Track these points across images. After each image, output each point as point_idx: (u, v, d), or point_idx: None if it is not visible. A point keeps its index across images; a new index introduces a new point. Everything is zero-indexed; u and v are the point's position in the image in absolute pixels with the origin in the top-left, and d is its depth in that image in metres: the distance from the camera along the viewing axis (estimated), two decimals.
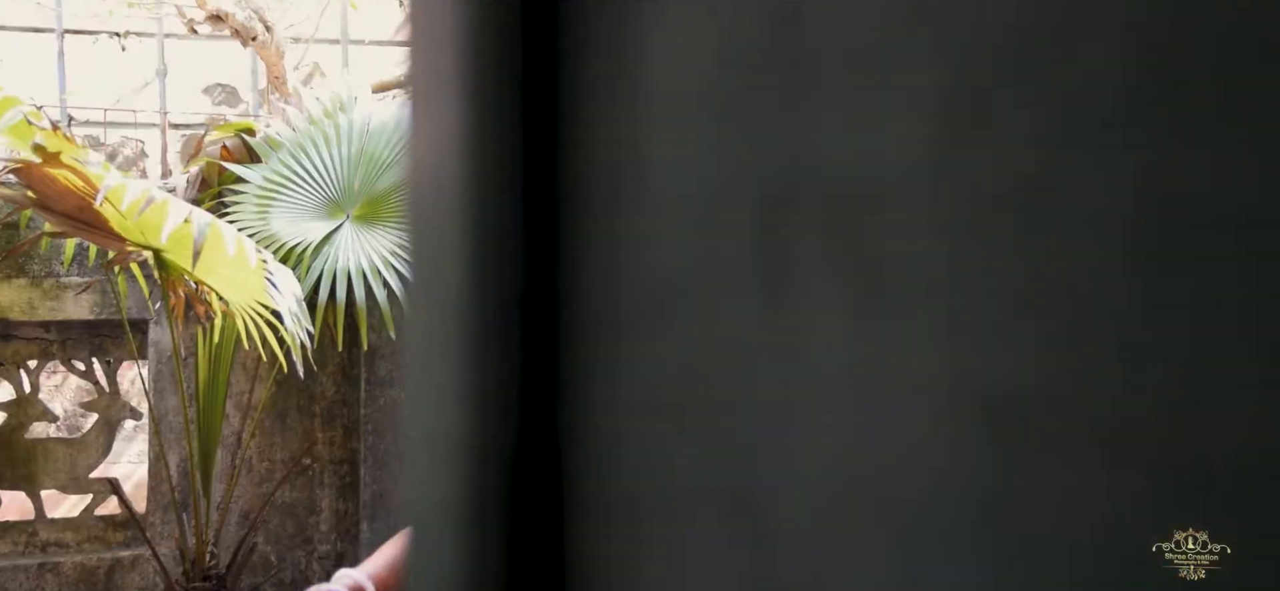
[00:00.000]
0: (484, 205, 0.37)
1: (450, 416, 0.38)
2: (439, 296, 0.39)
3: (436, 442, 0.39)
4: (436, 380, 0.39)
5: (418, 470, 0.41)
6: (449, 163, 0.38)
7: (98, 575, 3.28)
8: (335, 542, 3.50)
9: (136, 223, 2.54)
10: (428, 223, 0.40)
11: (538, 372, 0.38)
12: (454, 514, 0.38)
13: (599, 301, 0.36)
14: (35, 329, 3.32)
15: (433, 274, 0.40)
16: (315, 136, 3.34)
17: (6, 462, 3.29)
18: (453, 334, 0.38)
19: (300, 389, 3.42)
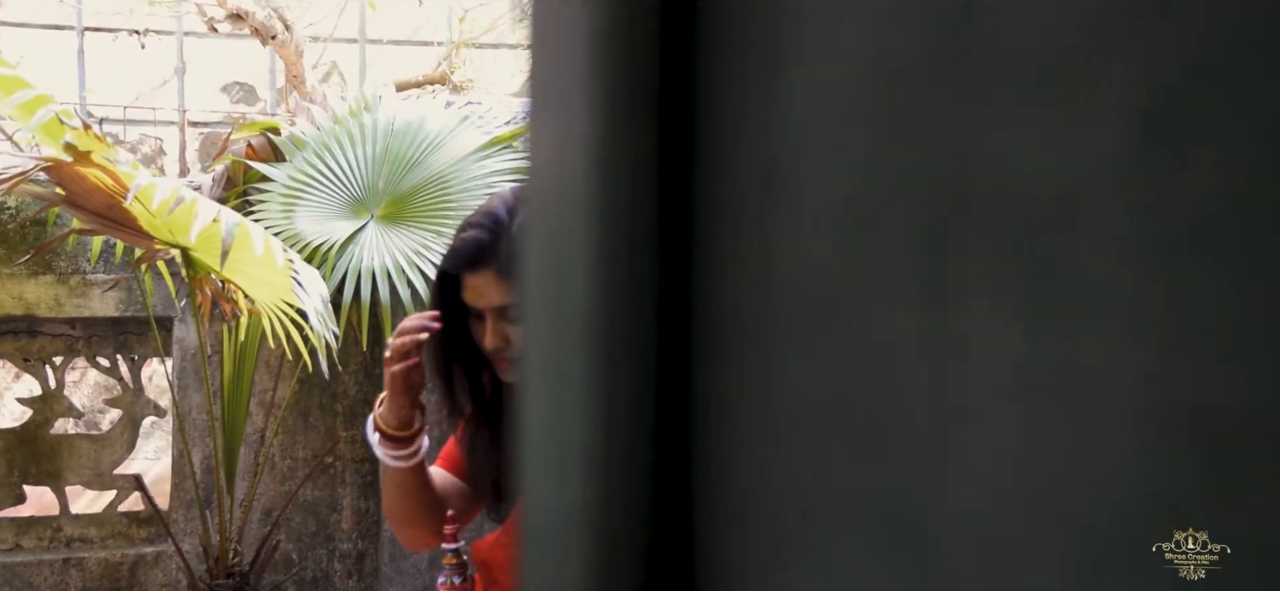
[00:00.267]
0: (616, 210, 0.37)
1: (575, 424, 0.38)
2: (563, 302, 0.39)
3: (559, 451, 0.39)
4: (560, 387, 0.39)
5: (537, 478, 0.41)
6: (577, 167, 0.38)
7: (122, 571, 3.29)
8: (356, 541, 3.51)
9: (165, 221, 2.55)
10: (550, 227, 0.40)
11: (671, 380, 0.38)
12: (579, 524, 0.38)
13: (740, 307, 0.36)
14: (61, 325, 3.33)
15: (555, 279, 0.39)
16: (340, 135, 3.35)
17: (32, 458, 3.31)
18: (579, 340, 0.38)
19: (323, 387, 3.43)
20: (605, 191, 0.37)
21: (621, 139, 0.36)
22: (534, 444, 0.41)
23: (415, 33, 7.27)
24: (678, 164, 0.37)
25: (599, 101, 0.37)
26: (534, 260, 0.41)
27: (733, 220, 0.36)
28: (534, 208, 0.41)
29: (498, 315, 1.64)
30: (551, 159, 0.40)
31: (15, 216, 3.18)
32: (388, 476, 1.80)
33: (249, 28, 5.91)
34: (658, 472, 0.37)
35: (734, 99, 0.36)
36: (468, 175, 3.29)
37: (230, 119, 7.06)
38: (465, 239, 1.67)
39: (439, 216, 3.24)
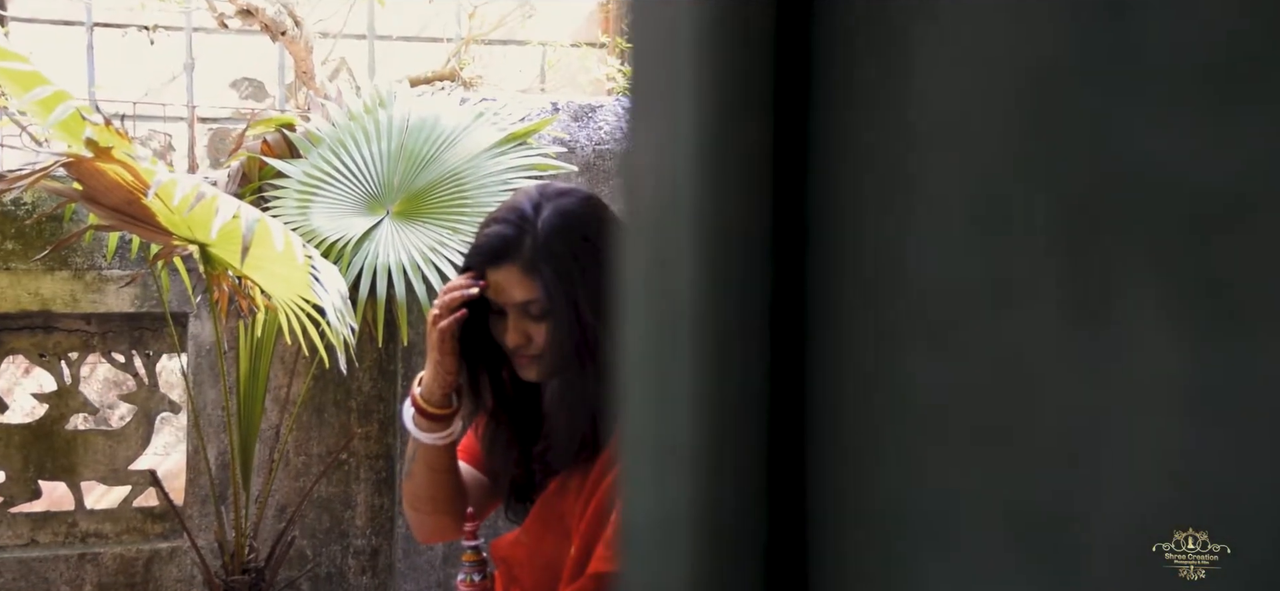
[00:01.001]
0: (724, 210, 0.37)
1: (682, 424, 0.38)
2: (668, 302, 0.39)
3: (665, 451, 0.39)
4: (665, 387, 0.39)
5: (641, 478, 0.40)
6: (682, 167, 0.38)
7: (137, 566, 3.30)
8: (371, 537, 3.51)
9: (185, 218, 2.55)
10: (653, 227, 0.40)
11: (785, 381, 0.37)
12: (685, 524, 0.38)
13: (862, 307, 0.36)
14: (77, 321, 3.33)
15: (658, 279, 0.39)
16: (355, 131, 3.34)
17: (47, 453, 3.31)
18: (686, 340, 0.38)
19: (337, 384, 3.43)
20: (712, 191, 0.37)
21: (731, 138, 0.36)
22: (637, 443, 0.41)
23: (423, 29, 7.26)
24: (792, 162, 0.37)
25: (707, 100, 0.37)
26: (634, 259, 0.40)
27: (854, 220, 0.36)
28: (634, 207, 0.41)
29: (520, 312, 1.63)
30: (655, 158, 0.39)
31: (31, 212, 3.18)
32: (419, 458, 1.80)
33: (259, 23, 5.91)
34: (770, 474, 0.37)
35: (854, 97, 0.36)
36: (483, 172, 3.28)
37: (239, 114, 7.06)
38: (489, 234, 1.67)
39: (454, 213, 3.23)
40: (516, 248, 1.63)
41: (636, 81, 0.42)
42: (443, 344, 1.67)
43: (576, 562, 1.68)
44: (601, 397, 1.64)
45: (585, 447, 1.65)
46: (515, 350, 1.65)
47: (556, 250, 1.63)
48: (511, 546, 1.79)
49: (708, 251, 0.37)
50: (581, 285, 1.63)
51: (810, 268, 0.37)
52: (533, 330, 1.64)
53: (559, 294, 1.61)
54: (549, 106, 3.62)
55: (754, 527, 0.37)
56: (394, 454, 3.49)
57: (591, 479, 1.67)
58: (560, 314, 1.62)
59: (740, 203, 0.37)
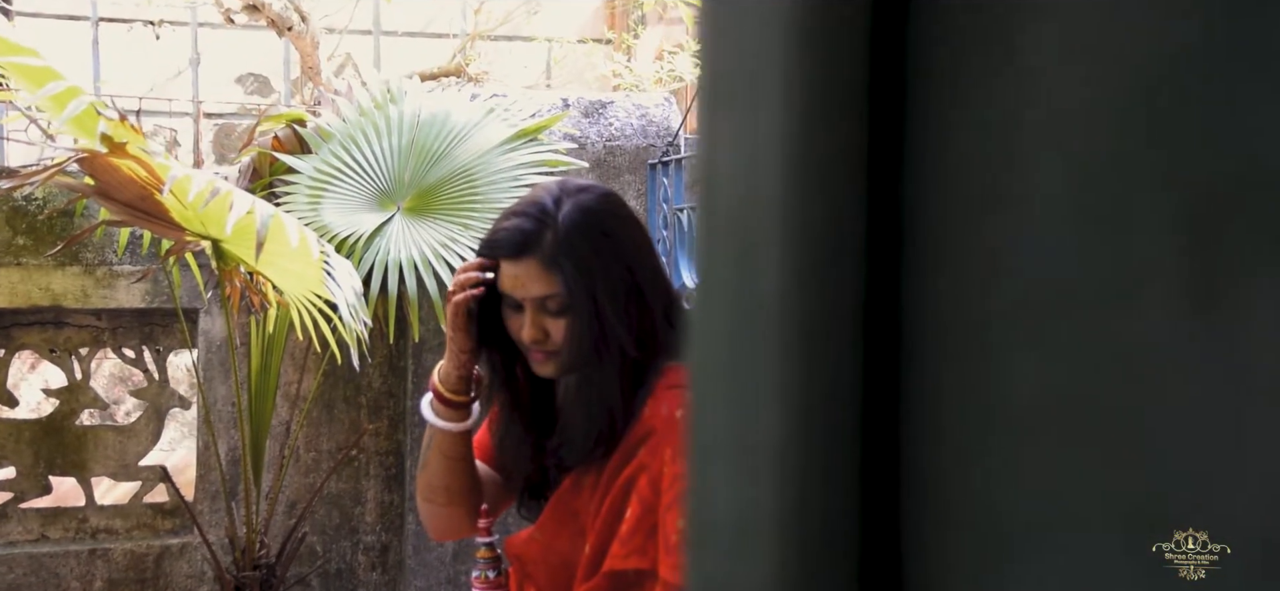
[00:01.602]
0: (811, 208, 0.37)
1: (766, 423, 0.38)
2: (751, 300, 0.38)
3: (747, 449, 0.39)
4: (748, 385, 0.39)
5: (719, 477, 0.40)
6: (768, 165, 0.38)
7: (147, 562, 3.30)
8: (380, 534, 3.51)
9: (200, 213, 2.55)
10: (735, 225, 0.39)
11: (877, 380, 0.37)
12: (768, 524, 0.38)
13: (963, 306, 0.36)
14: (87, 316, 3.33)
15: (741, 277, 0.39)
16: (366, 127, 3.34)
17: (57, 449, 3.31)
18: (771, 339, 0.37)
19: (347, 380, 3.43)
20: (800, 190, 0.36)
21: (820, 136, 0.36)
22: (715, 441, 0.40)
23: (429, 24, 7.26)
24: (886, 160, 0.36)
25: (795, 97, 0.36)
26: (713, 258, 0.40)
27: (954, 218, 0.36)
28: (713, 205, 0.41)
29: (538, 307, 1.63)
30: (737, 157, 0.39)
31: (42, 207, 3.18)
32: (434, 445, 1.80)
33: (265, 19, 5.91)
34: (861, 474, 0.37)
35: (956, 95, 0.35)
36: (494, 168, 3.28)
37: (245, 110, 7.05)
38: (509, 226, 1.66)
39: (465, 209, 3.23)
40: (537, 242, 1.63)
41: (715, 77, 0.41)
42: (456, 319, 1.69)
43: (591, 560, 1.68)
44: (618, 394, 1.64)
45: (601, 443, 1.65)
46: (532, 345, 1.65)
47: (577, 245, 1.63)
48: (526, 544, 1.78)
49: (794, 250, 0.37)
50: (601, 280, 1.63)
51: (906, 266, 0.37)
52: (550, 325, 1.64)
53: (579, 289, 1.61)
54: (559, 102, 3.62)
55: (845, 529, 0.37)
56: (404, 450, 3.49)
57: (606, 476, 1.66)
58: (580, 309, 1.62)
59: (829, 201, 0.36)
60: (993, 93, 0.34)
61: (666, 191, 3.35)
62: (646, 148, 3.62)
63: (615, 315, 1.63)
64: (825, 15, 0.36)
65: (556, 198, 1.67)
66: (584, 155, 3.48)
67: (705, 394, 0.41)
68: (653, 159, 3.55)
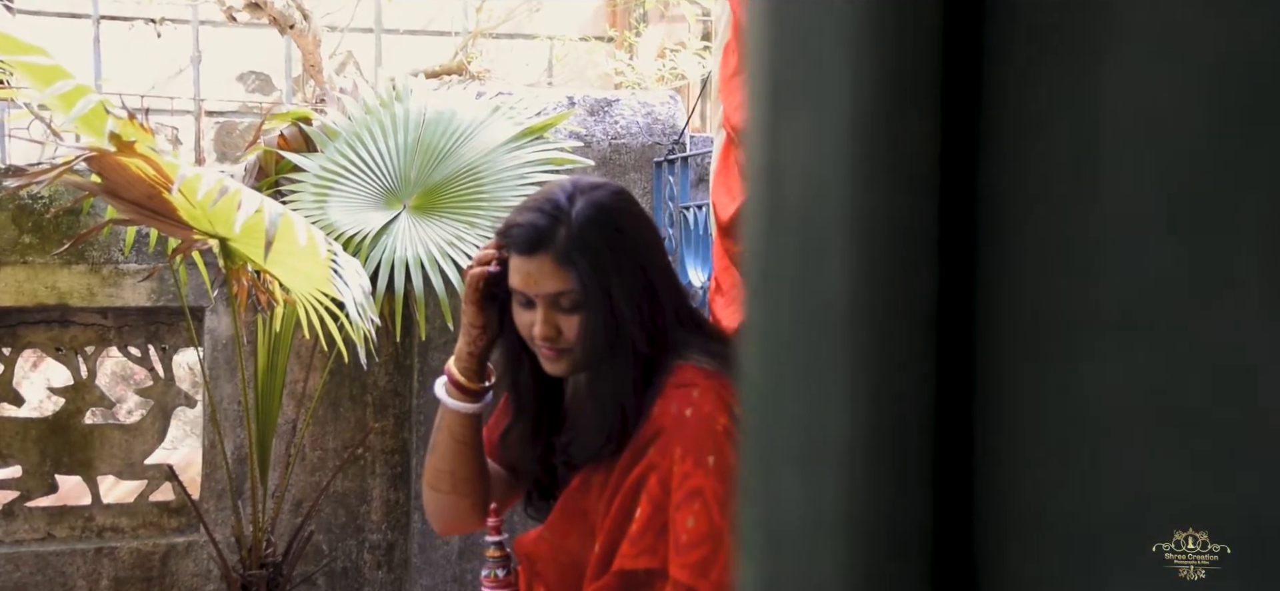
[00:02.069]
0: (884, 207, 0.37)
1: (835, 422, 0.38)
2: (818, 299, 0.38)
3: (814, 448, 0.39)
4: (815, 385, 0.39)
5: (784, 475, 0.40)
6: (835, 162, 0.37)
7: (153, 561, 3.30)
8: (386, 532, 3.51)
9: (209, 212, 2.54)
10: (801, 224, 0.39)
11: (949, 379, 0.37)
12: (836, 523, 0.38)
13: (1042, 306, 0.36)
14: (93, 315, 3.33)
15: (807, 275, 0.39)
16: (371, 125, 3.34)
17: (64, 448, 3.31)
18: (839, 338, 0.37)
19: (353, 378, 3.43)
20: (869, 186, 0.36)
21: (889, 131, 0.36)
22: (781, 442, 0.40)
23: (430, 22, 7.26)
24: (962, 157, 0.36)
25: (863, 92, 0.36)
26: (775, 255, 0.40)
27: (1035, 216, 0.36)
28: (775, 201, 0.40)
29: (551, 303, 1.63)
30: (803, 153, 0.39)
31: (49, 206, 3.17)
32: (443, 426, 1.80)
33: (267, 17, 5.90)
34: (933, 476, 0.37)
35: (1035, 92, 0.35)
36: (500, 166, 3.28)
37: (246, 108, 7.05)
38: (523, 222, 1.66)
39: (471, 207, 3.23)
40: (551, 238, 1.63)
41: (778, 71, 0.41)
42: (470, 292, 1.70)
43: (601, 559, 1.68)
44: (630, 390, 1.64)
45: (612, 440, 1.65)
46: (543, 343, 1.65)
47: (591, 242, 1.63)
48: (535, 543, 1.78)
49: (864, 249, 0.37)
50: (615, 277, 1.63)
51: (981, 263, 0.36)
52: (563, 322, 1.64)
53: (594, 285, 1.62)
54: (565, 100, 3.62)
55: (917, 531, 0.37)
56: (410, 449, 3.49)
57: (615, 475, 1.66)
58: (594, 305, 1.62)
59: (900, 198, 0.36)
60: (1077, 89, 0.34)
61: (672, 189, 3.35)
62: (652, 146, 3.62)
63: (629, 312, 1.63)
64: (894, 8, 0.36)
65: (570, 194, 1.68)
66: (589, 153, 3.48)
67: (770, 393, 0.41)
68: (658, 157, 3.55)
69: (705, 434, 1.60)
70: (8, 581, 3.18)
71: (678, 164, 3.34)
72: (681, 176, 3.32)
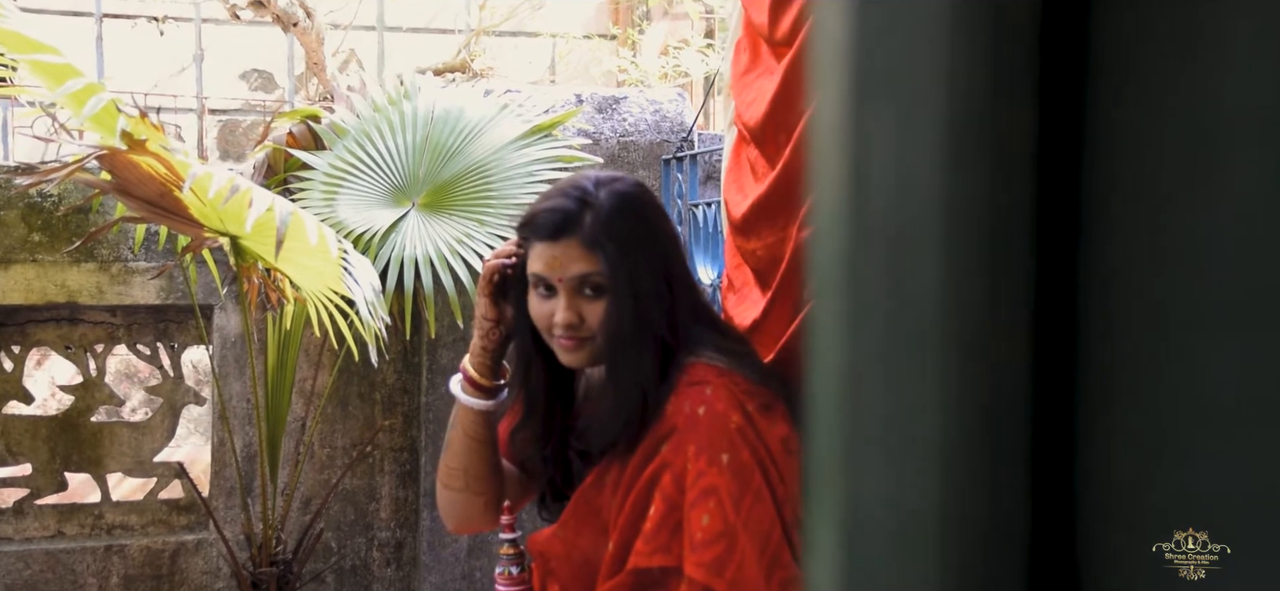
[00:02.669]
0: (978, 204, 0.37)
1: (927, 420, 0.38)
2: (908, 296, 0.38)
3: (906, 446, 0.39)
4: (906, 382, 0.39)
5: (874, 473, 0.40)
6: (926, 158, 0.37)
7: (163, 558, 3.30)
8: (395, 530, 3.51)
9: (220, 210, 2.54)
10: (891, 220, 0.39)
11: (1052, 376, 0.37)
12: (930, 521, 0.38)
13: (1154, 301, 0.36)
14: (102, 313, 3.33)
15: (896, 271, 0.39)
16: (380, 123, 3.34)
17: (73, 445, 3.31)
18: (931, 335, 0.37)
19: (362, 376, 3.43)
20: (962, 184, 0.36)
21: (984, 126, 0.36)
22: (870, 438, 0.40)
23: (433, 20, 7.25)
24: (1062, 154, 0.36)
25: (958, 86, 0.36)
26: (863, 252, 0.40)
27: (1141, 213, 0.36)
28: (862, 199, 0.40)
29: (574, 289, 1.63)
30: (892, 150, 0.39)
31: (58, 204, 3.17)
32: (458, 423, 1.80)
33: (270, 15, 5.90)
34: (1031, 473, 0.37)
35: (1144, 89, 0.35)
36: (508, 164, 3.28)
37: (249, 106, 7.04)
38: (548, 208, 1.67)
39: (480, 205, 3.23)
40: (577, 222, 1.64)
41: (861, 66, 0.41)
42: (485, 285, 1.71)
43: (615, 557, 1.68)
44: (652, 378, 1.64)
45: (630, 426, 1.64)
46: (564, 330, 1.64)
47: (618, 227, 1.64)
48: (548, 541, 1.78)
49: (956, 247, 0.37)
50: (641, 263, 1.64)
51: (1084, 262, 0.36)
52: (586, 309, 1.64)
53: (621, 269, 1.62)
54: (573, 98, 3.62)
55: (1013, 529, 0.37)
56: (419, 446, 3.50)
57: (629, 473, 1.66)
58: (620, 290, 1.62)
59: (993, 194, 0.36)
60: (1185, 85, 0.34)
61: (681, 187, 3.35)
62: (660, 143, 3.62)
63: (653, 298, 1.64)
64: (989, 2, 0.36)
65: (595, 183, 1.69)
66: (598, 151, 3.48)
67: (854, 392, 0.41)
68: (667, 154, 3.56)
69: (719, 432, 1.60)
70: (18, 579, 3.18)
71: (686, 161, 3.35)
72: (690, 174, 3.32)
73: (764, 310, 2.04)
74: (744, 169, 2.31)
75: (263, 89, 7.46)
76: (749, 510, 1.58)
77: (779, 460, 1.65)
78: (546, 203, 1.69)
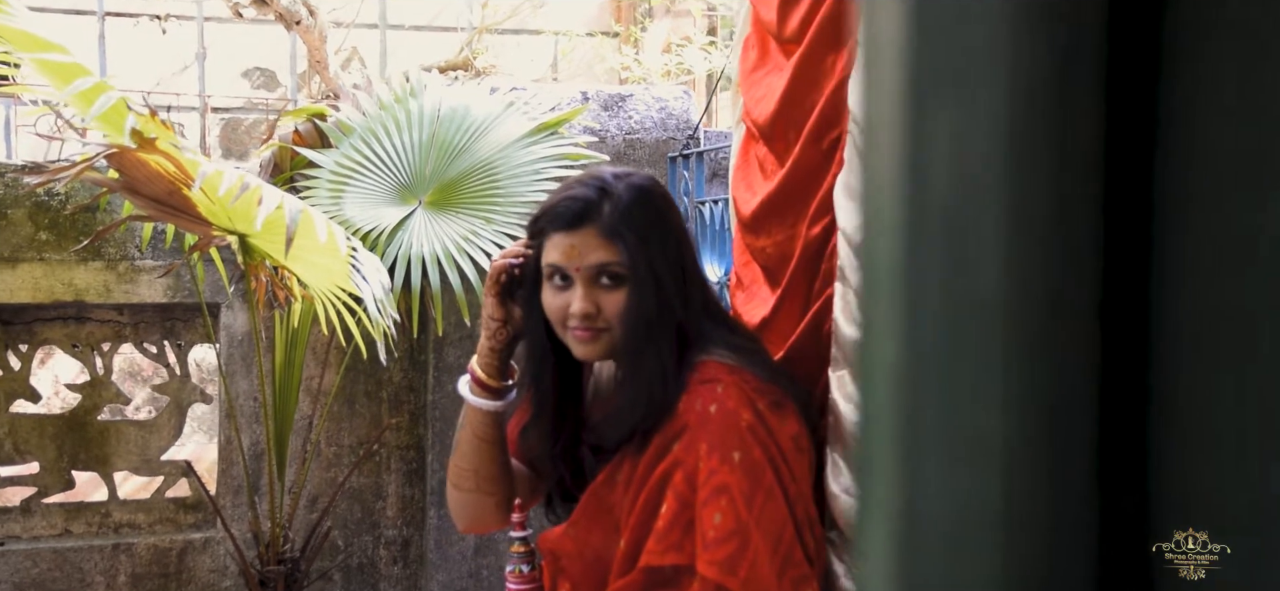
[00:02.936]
0: (1043, 200, 0.37)
1: (991, 416, 0.38)
2: (970, 292, 0.38)
3: (968, 442, 0.39)
4: (968, 378, 0.39)
5: (933, 469, 0.40)
6: (988, 154, 0.37)
7: (170, 557, 3.30)
8: (402, 528, 3.51)
9: (230, 208, 2.54)
10: (952, 216, 0.39)
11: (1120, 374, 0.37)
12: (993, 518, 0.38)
13: (1226, 302, 0.36)
14: (109, 311, 3.33)
15: (961, 273, 0.39)
16: (386, 121, 3.34)
17: (80, 444, 3.31)
18: (996, 332, 0.37)
19: (368, 374, 3.43)
20: (1026, 182, 0.36)
21: (1049, 126, 0.36)
22: (929, 437, 0.40)
23: (435, 18, 7.25)
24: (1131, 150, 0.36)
25: (1022, 84, 0.36)
26: (923, 250, 0.40)
27: (1216, 210, 0.36)
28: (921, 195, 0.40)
29: (591, 279, 1.63)
30: (953, 146, 0.39)
31: (65, 203, 3.17)
32: (467, 424, 1.80)
33: (273, 13, 5.90)
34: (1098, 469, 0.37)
35: (1218, 87, 0.35)
36: (515, 162, 3.28)
37: (251, 104, 7.04)
38: (567, 198, 1.67)
39: (487, 203, 3.23)
40: (597, 211, 1.64)
41: (920, 62, 0.41)
42: (491, 285, 1.72)
43: (626, 556, 1.67)
44: (668, 367, 1.64)
45: (649, 416, 1.64)
46: (581, 321, 1.64)
47: (637, 218, 1.64)
48: (560, 539, 1.78)
49: (1020, 245, 0.37)
50: (659, 254, 1.65)
51: (1157, 257, 0.36)
52: (603, 299, 1.64)
53: (640, 258, 1.62)
54: (579, 96, 3.62)
55: (1079, 525, 0.37)
56: (425, 445, 3.50)
57: (640, 471, 1.66)
58: (640, 279, 1.62)
59: (1058, 191, 0.36)
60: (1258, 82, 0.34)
61: (687, 184, 3.35)
62: (666, 141, 3.62)
63: (671, 289, 1.64)
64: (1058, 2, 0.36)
65: (613, 174, 1.70)
66: (604, 148, 3.48)
67: (913, 389, 0.41)
68: (673, 152, 3.56)
69: (730, 430, 1.60)
70: (26, 577, 3.18)
71: (693, 159, 3.35)
72: (697, 171, 3.32)
73: (773, 308, 2.04)
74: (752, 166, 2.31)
75: (265, 87, 7.45)
76: (761, 508, 1.58)
77: (790, 458, 1.65)
78: (562, 194, 1.70)
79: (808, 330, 1.93)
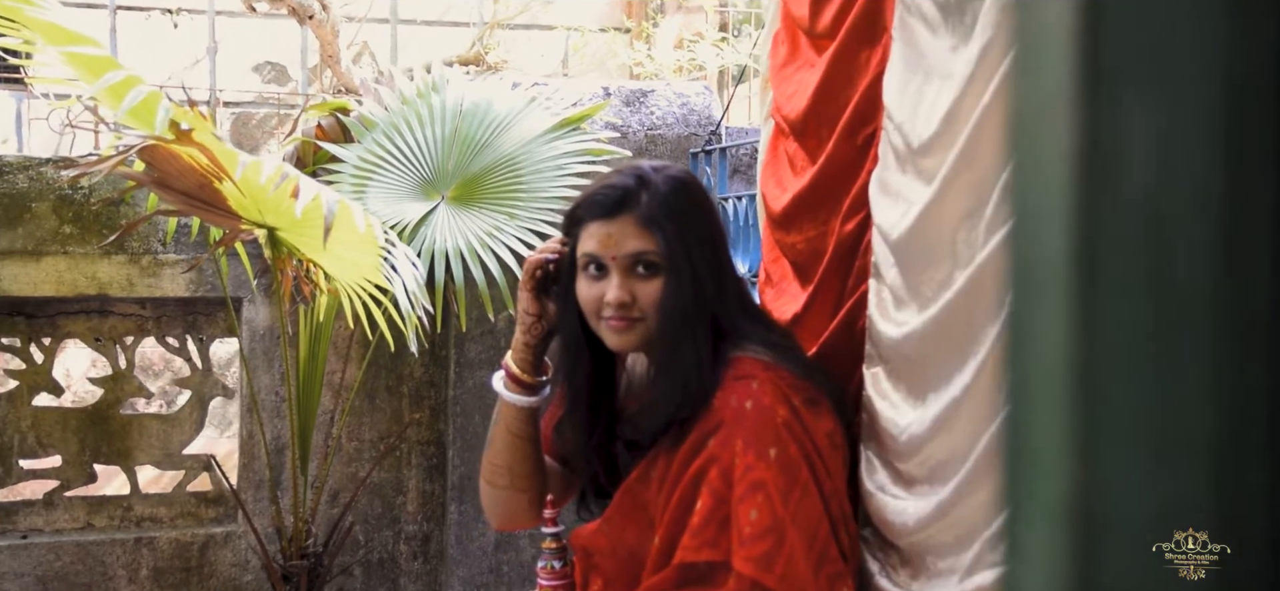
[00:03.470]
0: (1252, 198, 0.36)
1: (1197, 415, 0.38)
2: (1178, 291, 0.38)
3: (1171, 440, 0.39)
4: (1171, 375, 0.39)
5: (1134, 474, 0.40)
6: (1198, 150, 0.37)
7: (192, 550, 3.30)
8: (422, 523, 3.52)
9: (257, 200, 2.54)
10: (1152, 213, 0.39)
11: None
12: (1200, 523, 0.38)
13: None
14: (132, 305, 3.33)
15: (1161, 266, 0.38)
16: (408, 116, 3.34)
17: (103, 437, 3.31)
18: (1202, 329, 0.37)
19: (389, 369, 3.43)
20: (1232, 176, 0.36)
21: (1256, 120, 0.36)
22: (1123, 433, 0.40)
23: (446, 13, 7.25)
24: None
25: (1231, 78, 0.36)
26: (1118, 242, 0.40)
27: None
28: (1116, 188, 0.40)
29: (628, 268, 1.63)
30: (1153, 140, 0.38)
31: (89, 196, 3.17)
32: (500, 420, 1.80)
33: (286, 7, 5.90)
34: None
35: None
36: (537, 157, 3.28)
37: (263, 99, 7.04)
38: (605, 187, 1.68)
39: (510, 198, 3.23)
40: (635, 199, 1.65)
41: (1110, 51, 0.40)
42: (527, 279, 1.74)
43: (661, 552, 1.67)
44: (705, 358, 1.64)
45: (684, 407, 1.64)
46: (616, 310, 1.64)
47: (674, 208, 1.65)
48: (593, 535, 1.78)
49: (1227, 240, 0.37)
50: (696, 245, 1.65)
51: None
52: (639, 289, 1.64)
53: (677, 247, 1.63)
54: (601, 91, 3.62)
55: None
56: (445, 440, 3.50)
57: (675, 467, 1.66)
58: (676, 268, 1.63)
59: (1267, 186, 0.36)
60: None
61: (709, 180, 3.36)
62: (688, 136, 3.63)
63: (708, 280, 1.65)
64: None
65: (651, 167, 1.71)
66: (626, 144, 3.48)
67: (1109, 382, 0.41)
68: (695, 148, 3.56)
69: (766, 426, 1.60)
70: (49, 570, 3.18)
71: (715, 155, 3.35)
72: (719, 167, 3.32)
73: (805, 304, 2.04)
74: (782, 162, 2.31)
75: (276, 81, 7.45)
76: (797, 504, 1.58)
77: (825, 454, 1.65)
78: (600, 184, 1.71)
79: (841, 327, 1.93)
